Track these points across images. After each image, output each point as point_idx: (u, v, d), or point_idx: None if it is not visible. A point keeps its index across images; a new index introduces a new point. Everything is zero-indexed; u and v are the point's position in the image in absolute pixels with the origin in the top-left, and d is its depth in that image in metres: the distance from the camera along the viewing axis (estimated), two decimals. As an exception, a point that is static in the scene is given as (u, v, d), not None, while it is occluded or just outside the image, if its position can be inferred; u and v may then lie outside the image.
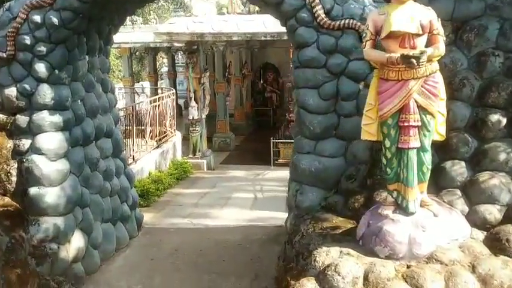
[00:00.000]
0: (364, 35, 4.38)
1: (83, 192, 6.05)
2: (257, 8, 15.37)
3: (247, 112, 21.03)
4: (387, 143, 4.38)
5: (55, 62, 5.65)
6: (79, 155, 6.02)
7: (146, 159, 11.47)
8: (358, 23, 5.18)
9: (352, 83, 5.32)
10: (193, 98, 14.31)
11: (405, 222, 4.28)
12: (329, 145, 5.40)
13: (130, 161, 10.69)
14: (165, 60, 30.65)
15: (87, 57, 6.27)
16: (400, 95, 4.22)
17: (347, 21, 5.23)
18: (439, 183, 4.76)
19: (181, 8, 17.23)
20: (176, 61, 26.55)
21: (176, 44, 19.89)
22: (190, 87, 14.43)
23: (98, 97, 6.44)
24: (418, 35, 4.17)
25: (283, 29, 14.01)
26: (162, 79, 28.30)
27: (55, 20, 5.45)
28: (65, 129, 5.79)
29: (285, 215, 9.54)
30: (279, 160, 15.48)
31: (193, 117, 14.27)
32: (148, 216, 9.17)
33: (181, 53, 24.72)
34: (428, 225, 4.24)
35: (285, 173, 13.79)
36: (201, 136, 14.53)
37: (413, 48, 4.14)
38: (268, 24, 14.33)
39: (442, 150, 4.80)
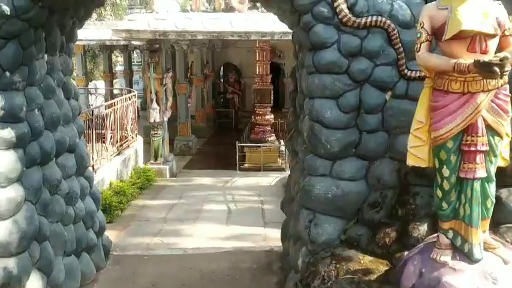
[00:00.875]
0: (418, 35, 3.33)
1: (41, 222, 4.72)
2: (223, 6, 14.22)
3: (208, 114, 19.89)
4: (445, 172, 3.36)
5: (6, 62, 4.30)
6: (36, 178, 4.67)
7: (107, 168, 10.11)
8: (388, 21, 4.14)
9: (377, 92, 4.25)
10: (154, 100, 13.02)
11: (470, 271, 3.27)
12: (348, 166, 4.32)
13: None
14: (119, 59, 28.97)
15: (46, 56, 4.95)
16: (465, 112, 3.20)
17: (374, 18, 4.14)
18: (493, 216, 3.80)
19: (141, 5, 15.79)
20: (132, 59, 24.99)
21: (135, 43, 18.57)
22: (152, 89, 13.13)
23: (59, 105, 5.09)
24: (492, 36, 3.17)
25: (251, 28, 13.05)
26: (116, 78, 26.62)
27: (6, 9, 4.13)
28: (18, 146, 4.44)
29: (262, 230, 8.65)
30: (245, 165, 14.47)
31: (154, 120, 12.99)
32: (113, 235, 7.87)
33: (138, 51, 23.28)
34: (499, 275, 3.26)
35: (253, 180, 12.85)
36: (163, 140, 13.27)
37: (485, 52, 3.12)
38: (235, 23, 13.24)
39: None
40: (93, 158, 9.51)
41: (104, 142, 10.54)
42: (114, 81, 25.11)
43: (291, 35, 13.01)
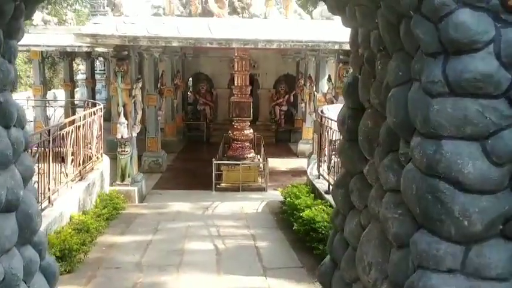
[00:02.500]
0: None
1: None
2: (199, 10, 12.11)
3: (179, 127, 17.65)
4: None
5: None
6: None
7: (66, 199, 7.88)
8: None
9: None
10: (122, 113, 10.81)
11: None
12: (495, 254, 2.37)
13: (45, 203, 7.13)
14: (81, 67, 26.28)
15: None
16: None
17: None
18: None
19: (107, 7, 13.46)
20: (95, 68, 22.44)
21: (100, 49, 16.17)
22: (119, 101, 10.93)
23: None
24: None
25: (232, 35, 11.05)
26: (78, 87, 23.96)
27: None
28: None
29: (264, 282, 6.54)
30: (222, 184, 12.46)
31: (122, 136, 10.78)
32: (72, 293, 5.72)
33: (101, 59, 20.83)
34: None
35: (236, 206, 10.74)
36: (131, 158, 11.04)
37: None
38: (214, 29, 11.20)
39: None
40: (49, 189, 7.24)
41: (63, 163, 8.25)
42: (75, 90, 22.50)
43: (276, 43, 11.27)
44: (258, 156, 13.62)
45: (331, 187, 8.19)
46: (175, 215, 9.56)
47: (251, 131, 13.23)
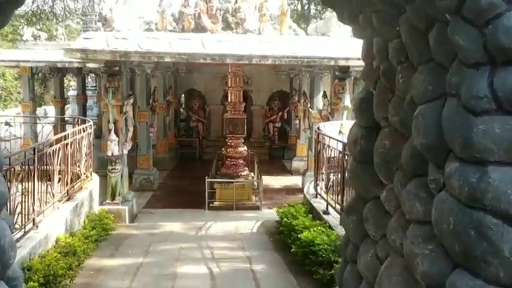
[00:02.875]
0: None
1: None
2: (192, 25, 11.77)
3: (171, 144, 17.19)
4: None
5: None
6: None
7: (53, 220, 7.41)
8: None
9: None
10: (112, 130, 10.36)
11: None
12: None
13: (29, 226, 6.66)
14: (72, 83, 25.81)
15: None
16: None
17: None
18: None
19: (98, 22, 13.07)
20: (86, 84, 21.97)
21: (91, 65, 15.77)
22: (110, 117, 10.49)
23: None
24: None
25: (226, 50, 10.70)
26: (69, 103, 23.48)
27: None
28: None
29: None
30: (215, 203, 12.03)
31: (112, 154, 10.32)
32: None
33: (93, 75, 20.40)
34: None
35: (230, 226, 10.28)
36: (121, 176, 10.58)
37: None
38: (208, 45, 10.86)
39: None
40: (33, 210, 6.78)
41: (50, 182, 7.79)
42: (66, 106, 22.04)
43: (271, 59, 10.92)
44: (252, 173, 13.22)
45: (329, 207, 7.80)
46: (167, 235, 9.09)
47: (245, 148, 12.85)
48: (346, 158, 7.00)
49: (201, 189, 11.82)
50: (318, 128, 9.55)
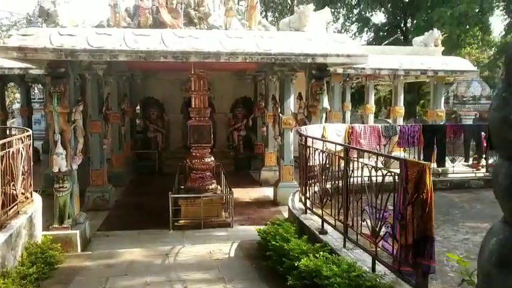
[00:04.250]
0: None
1: None
2: (150, 21, 10.11)
3: (127, 156, 15.31)
4: None
5: None
6: None
7: (-23, 258, 5.51)
8: None
9: None
10: (59, 142, 8.56)
11: None
12: None
13: None
14: (18, 95, 23.35)
15: None
16: None
17: None
18: None
19: (40, 19, 11.15)
20: (32, 96, 19.71)
21: (34, 71, 13.74)
22: (55, 127, 8.68)
23: None
24: None
25: (190, 48, 9.09)
26: (14, 117, 21.08)
27: None
28: None
29: None
30: (180, 221, 10.39)
31: (59, 170, 8.54)
32: None
33: (40, 86, 18.21)
34: None
35: (203, 250, 8.48)
36: (71, 195, 8.77)
37: None
38: (168, 41, 9.26)
39: None
40: None
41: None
42: (11, 121, 19.69)
43: (241, 56, 9.40)
44: (219, 186, 11.59)
45: (325, 225, 6.30)
46: (127, 266, 7.33)
47: (212, 158, 11.23)
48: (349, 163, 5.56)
49: (164, 206, 10.18)
50: (299, 132, 8.08)
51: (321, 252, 5.39)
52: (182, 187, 11.51)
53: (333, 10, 27.46)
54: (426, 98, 33.47)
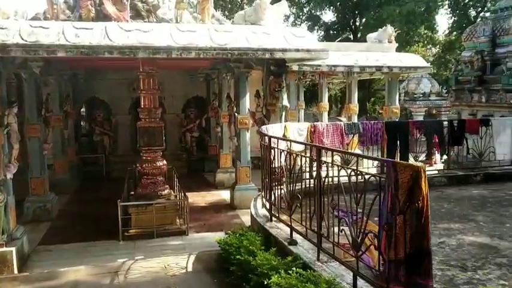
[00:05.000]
0: None
1: None
2: (93, 13, 9.15)
3: (71, 162, 14.17)
4: None
5: None
6: None
7: None
8: None
9: None
10: (-10, 149, 7.53)
11: None
12: None
13: None
14: None
15: None
16: None
17: None
18: None
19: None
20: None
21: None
22: (-15, 132, 7.64)
23: None
24: None
25: (137, 42, 8.16)
26: None
27: None
28: None
29: None
30: (131, 231, 9.54)
31: (-9, 180, 7.47)
32: None
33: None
34: None
35: (156, 264, 7.52)
36: (5, 207, 7.77)
37: None
38: (113, 35, 8.40)
39: None
40: None
41: None
42: None
43: (194, 51, 8.63)
44: (172, 192, 10.77)
45: (294, 233, 5.66)
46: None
47: (164, 162, 10.39)
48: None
49: (112, 215, 9.39)
50: (261, 132, 7.41)
51: (294, 268, 4.73)
52: (132, 193, 10.66)
53: (283, 8, 26.98)
54: (376, 96, 33.80)
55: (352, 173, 4.25)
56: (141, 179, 10.34)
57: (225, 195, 12.85)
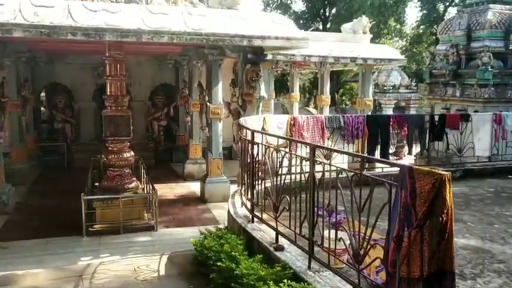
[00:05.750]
0: None
1: None
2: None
3: (30, 150, 13.22)
4: None
5: None
6: None
7: None
8: None
9: None
10: None
11: None
12: None
13: None
14: None
15: None
16: None
17: None
18: None
19: None
20: None
21: None
22: None
23: None
24: None
25: (104, 24, 7.23)
26: None
27: None
28: None
29: None
30: (95, 226, 8.85)
31: None
32: None
33: None
34: None
35: (126, 266, 6.78)
36: (-45, 202, 6.93)
37: None
38: (77, 15, 7.62)
39: None
40: None
41: None
42: None
43: (167, 36, 7.87)
44: (140, 184, 10.07)
45: (281, 238, 5.14)
46: (26, 294, 5.70)
47: (132, 153, 9.66)
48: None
49: (75, 208, 8.70)
50: (239, 124, 6.84)
51: (285, 280, 4.21)
52: (97, 186, 9.89)
53: (253, -5, 26.36)
54: (345, 87, 33.65)
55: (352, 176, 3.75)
56: (106, 170, 9.60)
57: (194, 187, 12.24)
